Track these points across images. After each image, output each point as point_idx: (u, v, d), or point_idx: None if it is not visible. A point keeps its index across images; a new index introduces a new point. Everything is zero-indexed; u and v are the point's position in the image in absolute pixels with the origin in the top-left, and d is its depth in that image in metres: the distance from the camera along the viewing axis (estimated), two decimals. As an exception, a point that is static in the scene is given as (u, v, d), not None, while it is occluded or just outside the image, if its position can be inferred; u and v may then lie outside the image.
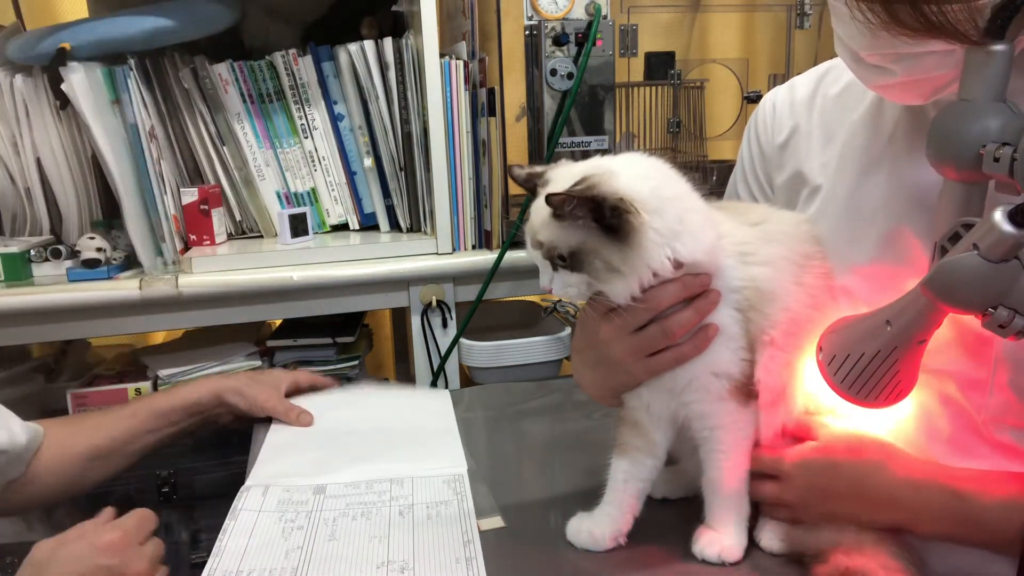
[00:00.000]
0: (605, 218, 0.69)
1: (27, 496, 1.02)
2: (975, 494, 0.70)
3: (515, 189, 1.57)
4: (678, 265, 0.72)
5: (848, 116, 0.86)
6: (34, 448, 1.02)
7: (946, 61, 0.63)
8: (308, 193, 1.62)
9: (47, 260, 1.41)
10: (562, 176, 0.75)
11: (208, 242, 1.53)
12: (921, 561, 0.72)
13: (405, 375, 1.97)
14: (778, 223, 0.82)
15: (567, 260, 0.73)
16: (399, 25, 1.62)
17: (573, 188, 0.70)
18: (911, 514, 0.72)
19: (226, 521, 0.90)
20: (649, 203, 0.71)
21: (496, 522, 0.88)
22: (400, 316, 1.95)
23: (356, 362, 1.61)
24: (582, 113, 1.49)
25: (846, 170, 0.84)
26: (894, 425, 0.76)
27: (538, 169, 0.79)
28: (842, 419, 0.79)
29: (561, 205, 0.69)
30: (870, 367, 0.68)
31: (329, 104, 1.58)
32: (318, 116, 1.59)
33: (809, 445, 0.78)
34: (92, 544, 0.79)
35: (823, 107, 0.90)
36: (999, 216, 0.56)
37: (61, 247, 1.42)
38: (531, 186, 0.79)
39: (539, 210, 0.73)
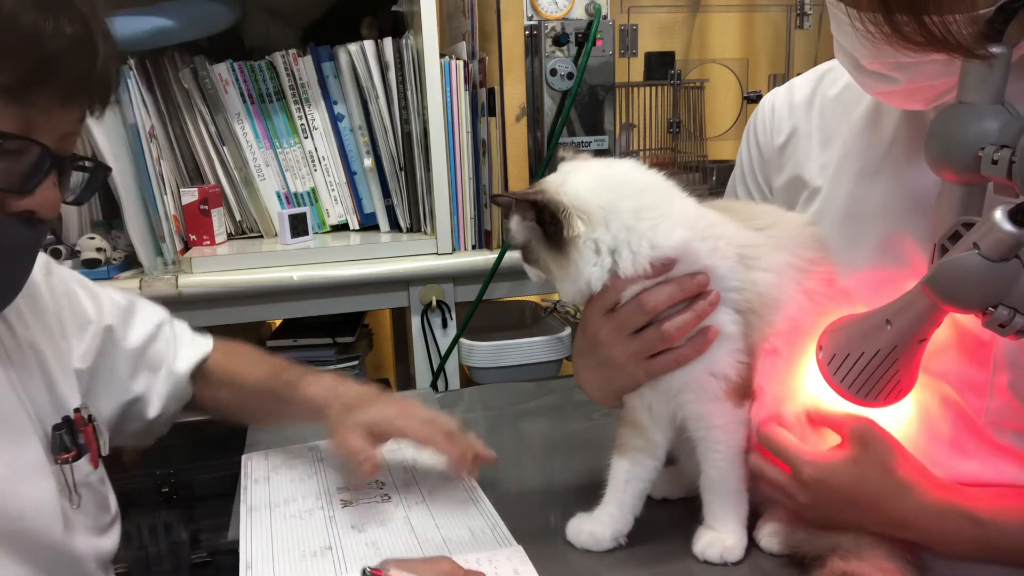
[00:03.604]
0: (546, 223, 0.74)
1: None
2: (995, 519, 0.69)
3: (515, 189, 1.57)
4: (663, 269, 0.73)
5: (847, 117, 0.86)
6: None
7: (948, 68, 0.63)
8: (308, 193, 1.62)
9: (47, 260, 1.40)
10: (564, 169, 0.79)
11: (208, 242, 1.53)
12: (922, 561, 0.72)
13: (405, 375, 1.97)
14: (784, 227, 0.82)
15: (522, 252, 0.79)
16: (399, 25, 1.62)
17: (521, 192, 0.76)
18: (926, 537, 0.71)
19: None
20: (595, 215, 0.74)
21: None
22: (400, 316, 1.95)
23: (356, 362, 1.62)
24: (582, 113, 1.49)
25: (845, 173, 0.84)
26: (895, 427, 0.76)
27: (568, 155, 0.83)
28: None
29: (507, 208, 0.76)
30: (870, 366, 0.68)
31: (329, 104, 1.58)
32: (318, 116, 1.59)
33: (837, 450, 0.75)
34: None
35: (822, 108, 0.90)
36: (999, 215, 0.56)
37: (61, 247, 1.41)
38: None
39: None
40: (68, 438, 0.82)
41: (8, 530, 0.74)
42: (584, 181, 0.75)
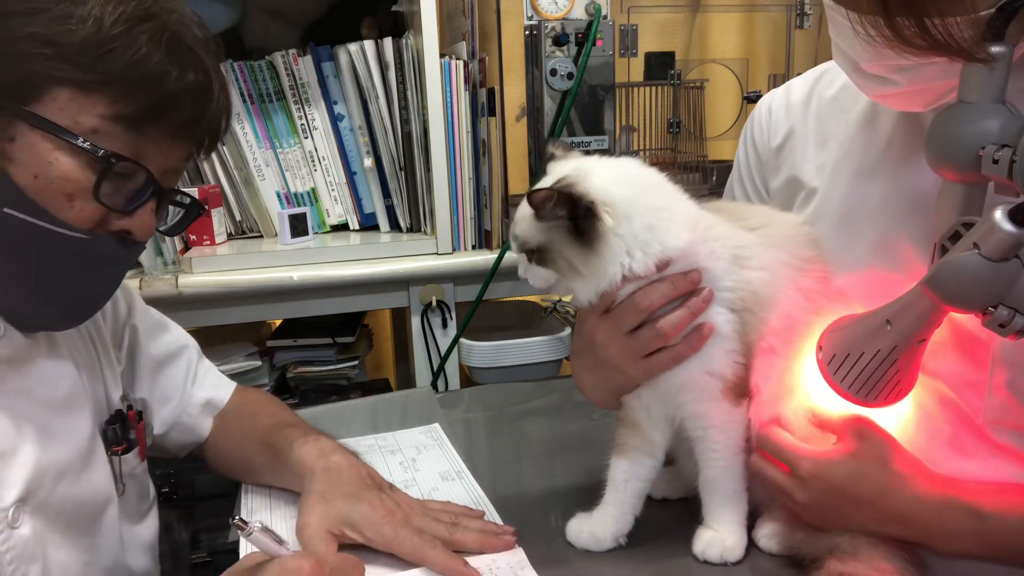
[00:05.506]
0: (579, 217, 0.72)
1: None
2: (996, 512, 0.69)
3: (515, 189, 1.57)
4: (662, 268, 0.73)
5: (843, 118, 0.86)
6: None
7: (948, 71, 0.63)
8: (308, 193, 1.62)
9: (47, 260, 1.40)
10: (555, 171, 0.78)
11: (208, 242, 1.53)
12: (921, 561, 0.72)
13: (405, 375, 1.97)
14: (778, 227, 0.82)
15: (536, 255, 0.76)
16: (399, 25, 1.63)
17: (555, 186, 0.73)
18: (927, 533, 0.71)
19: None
20: (620, 209, 0.73)
21: None
22: (400, 316, 1.95)
23: (356, 362, 1.62)
24: (582, 113, 1.49)
25: (841, 174, 0.84)
26: (894, 426, 0.76)
27: (558, 153, 0.81)
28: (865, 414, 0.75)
29: (544, 203, 0.72)
30: (870, 366, 0.68)
31: (329, 104, 1.58)
32: (318, 116, 1.59)
33: (835, 447, 0.75)
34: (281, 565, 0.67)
35: (819, 109, 0.90)
36: (999, 215, 0.56)
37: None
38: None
39: (523, 205, 0.76)
40: (120, 432, 0.86)
41: (72, 515, 0.78)
42: (603, 176, 0.74)
